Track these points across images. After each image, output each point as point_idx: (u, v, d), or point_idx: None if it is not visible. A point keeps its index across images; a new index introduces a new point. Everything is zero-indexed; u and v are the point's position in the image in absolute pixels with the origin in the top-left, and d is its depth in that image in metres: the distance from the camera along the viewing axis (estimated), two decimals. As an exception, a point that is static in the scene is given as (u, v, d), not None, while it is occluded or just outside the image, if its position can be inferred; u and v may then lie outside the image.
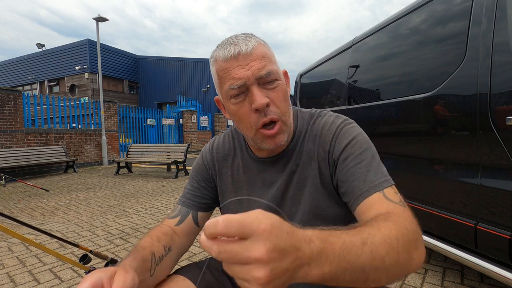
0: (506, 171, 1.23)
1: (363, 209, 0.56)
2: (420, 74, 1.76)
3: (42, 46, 20.58)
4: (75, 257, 2.14)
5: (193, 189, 0.77)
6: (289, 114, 0.65)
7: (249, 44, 0.59)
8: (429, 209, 1.64)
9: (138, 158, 7.01)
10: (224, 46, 0.60)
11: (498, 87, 1.25)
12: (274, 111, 0.60)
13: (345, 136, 0.64)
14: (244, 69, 0.58)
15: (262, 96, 0.58)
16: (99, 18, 8.88)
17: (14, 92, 6.74)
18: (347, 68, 2.61)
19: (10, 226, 2.65)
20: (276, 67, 0.62)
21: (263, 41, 0.63)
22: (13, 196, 4.56)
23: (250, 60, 0.58)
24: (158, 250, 0.62)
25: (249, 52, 0.58)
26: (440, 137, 1.58)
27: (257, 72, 0.58)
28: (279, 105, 0.61)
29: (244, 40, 0.59)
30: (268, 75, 0.59)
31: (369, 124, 2.26)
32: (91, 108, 9.04)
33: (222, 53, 0.59)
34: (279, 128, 0.61)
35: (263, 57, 0.59)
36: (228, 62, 0.58)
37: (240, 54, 0.58)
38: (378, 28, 2.23)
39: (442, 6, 1.65)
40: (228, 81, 0.59)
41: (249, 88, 0.59)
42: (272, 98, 0.60)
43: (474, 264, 1.34)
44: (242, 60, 0.58)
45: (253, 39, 0.61)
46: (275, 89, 0.61)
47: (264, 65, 0.58)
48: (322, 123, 0.68)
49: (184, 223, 0.73)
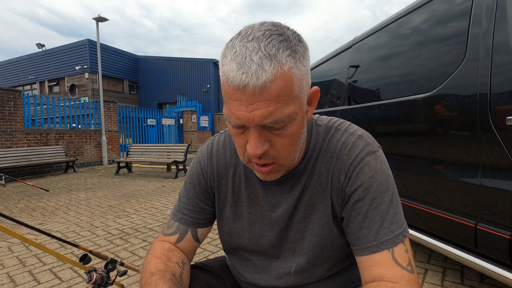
0: (506, 171, 1.23)
1: (367, 264, 0.53)
2: (420, 74, 1.76)
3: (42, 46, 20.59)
4: (75, 257, 2.14)
5: (190, 203, 0.69)
6: (294, 156, 0.54)
7: (262, 76, 0.43)
8: (429, 209, 1.64)
9: (138, 158, 7.01)
10: (233, 63, 0.44)
11: (498, 87, 1.25)
12: (271, 155, 0.51)
13: (364, 170, 0.55)
14: (246, 109, 0.45)
15: (258, 143, 0.48)
16: (99, 18, 8.89)
17: (14, 92, 6.74)
18: (347, 68, 2.61)
19: (10, 226, 2.65)
20: (291, 109, 0.47)
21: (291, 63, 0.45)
22: (13, 196, 4.56)
23: (257, 100, 0.44)
24: (175, 269, 0.60)
25: (258, 90, 0.43)
26: (440, 137, 1.58)
27: (260, 119, 0.46)
28: (281, 151, 0.51)
29: (257, 68, 0.43)
30: (274, 123, 0.47)
31: (369, 124, 2.26)
32: (91, 108, 9.04)
33: (228, 70, 0.45)
34: (272, 169, 0.53)
35: (276, 99, 0.44)
36: (231, 89, 0.45)
37: (246, 89, 0.44)
38: (378, 28, 2.23)
39: (442, 6, 1.65)
40: (227, 110, 0.48)
41: (248, 128, 0.49)
42: (275, 142, 0.50)
43: (474, 264, 1.34)
44: (247, 97, 0.44)
45: (274, 64, 0.43)
46: (281, 134, 0.49)
47: (272, 112, 0.45)
48: (341, 143, 0.59)
49: (183, 241, 0.68)
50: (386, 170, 0.57)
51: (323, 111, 3.09)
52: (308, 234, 0.61)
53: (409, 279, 0.51)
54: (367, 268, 0.53)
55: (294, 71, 0.45)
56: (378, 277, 0.51)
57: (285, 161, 0.53)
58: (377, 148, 0.59)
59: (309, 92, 0.52)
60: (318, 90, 0.54)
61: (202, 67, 19.12)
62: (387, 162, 0.59)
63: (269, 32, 0.45)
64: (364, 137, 0.59)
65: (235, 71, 0.44)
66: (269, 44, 0.44)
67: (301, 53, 0.47)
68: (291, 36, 0.47)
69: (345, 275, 0.67)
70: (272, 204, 0.63)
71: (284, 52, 0.44)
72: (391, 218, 0.54)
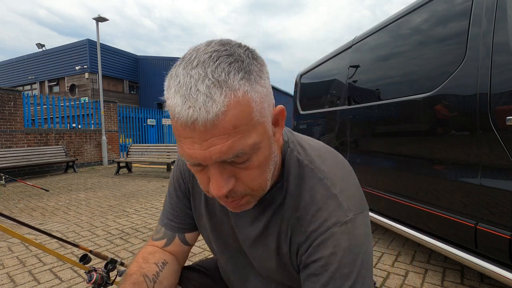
0: (506, 171, 1.23)
1: None
2: (420, 74, 1.76)
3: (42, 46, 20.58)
4: (75, 257, 2.14)
5: (174, 208, 0.67)
6: (266, 185, 0.48)
7: (212, 110, 0.36)
8: (429, 209, 1.64)
9: (138, 158, 7.01)
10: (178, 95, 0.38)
11: (498, 87, 1.25)
12: (240, 191, 0.45)
13: (326, 244, 0.46)
14: (201, 146, 0.39)
15: (222, 182, 0.42)
16: (99, 18, 8.88)
17: (14, 92, 6.74)
18: (347, 68, 2.61)
19: (10, 226, 2.65)
20: (254, 138, 0.41)
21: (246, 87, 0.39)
22: (13, 196, 4.56)
23: (211, 135, 0.38)
24: (149, 270, 0.60)
25: (210, 124, 0.37)
26: (440, 137, 1.58)
27: (218, 156, 0.39)
28: (250, 183, 0.45)
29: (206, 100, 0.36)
30: (236, 157, 0.40)
31: (369, 124, 2.26)
32: (91, 108, 9.04)
33: (173, 105, 0.38)
34: (244, 202, 0.48)
35: (233, 131, 0.38)
36: (179, 125, 0.39)
37: (195, 126, 0.37)
38: (378, 28, 2.23)
39: (442, 6, 1.65)
40: (180, 147, 0.42)
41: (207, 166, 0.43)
42: (241, 177, 0.44)
43: (474, 264, 1.34)
44: (198, 134, 0.38)
45: (225, 91, 0.37)
46: (247, 167, 0.43)
47: (231, 146, 0.39)
48: (310, 197, 0.50)
49: (172, 246, 0.67)
50: (356, 248, 0.46)
51: (323, 111, 3.09)
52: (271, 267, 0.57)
53: None
54: None
55: (250, 96, 0.39)
56: None
57: (258, 191, 0.47)
58: (353, 217, 0.48)
59: (273, 113, 0.46)
60: (283, 109, 0.48)
61: None
62: (364, 234, 0.48)
63: (217, 54, 0.39)
64: (339, 199, 0.48)
65: (180, 106, 0.37)
66: (217, 68, 0.38)
67: (257, 73, 0.41)
68: (243, 54, 0.40)
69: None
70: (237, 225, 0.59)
71: (236, 75, 0.38)
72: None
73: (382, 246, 2.27)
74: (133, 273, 0.58)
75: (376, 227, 2.68)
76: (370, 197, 2.21)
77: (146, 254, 0.64)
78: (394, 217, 1.97)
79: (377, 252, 2.16)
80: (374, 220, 2.16)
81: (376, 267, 1.92)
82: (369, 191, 2.21)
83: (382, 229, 2.63)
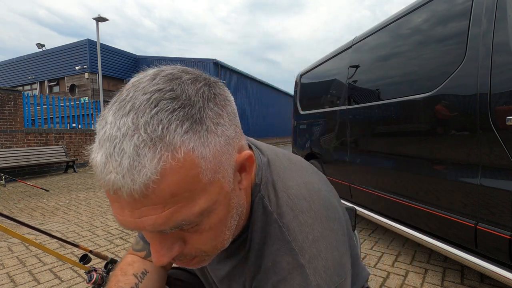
0: (506, 171, 1.23)
1: None
2: (420, 74, 1.76)
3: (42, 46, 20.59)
4: (75, 257, 2.14)
5: None
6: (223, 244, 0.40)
7: (139, 179, 0.28)
8: (429, 209, 1.64)
9: (138, 158, 7.01)
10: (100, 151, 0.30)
11: (498, 87, 1.25)
12: (190, 254, 0.39)
13: None
14: (131, 214, 0.31)
15: (162, 251, 0.35)
16: (99, 18, 8.89)
17: (14, 92, 6.74)
18: (347, 68, 2.61)
19: (10, 226, 2.65)
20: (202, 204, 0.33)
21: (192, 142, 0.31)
22: (13, 196, 4.56)
23: (142, 205, 0.30)
24: (126, 282, 0.58)
25: (138, 195, 0.29)
26: (440, 137, 1.58)
27: (153, 228, 0.32)
28: (203, 247, 0.38)
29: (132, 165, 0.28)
30: (179, 227, 0.33)
31: (369, 124, 2.26)
32: (91, 108, 9.05)
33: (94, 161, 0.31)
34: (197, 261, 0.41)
35: (171, 200, 0.31)
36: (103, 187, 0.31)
37: (119, 195, 0.30)
38: (378, 28, 2.23)
39: (442, 6, 1.65)
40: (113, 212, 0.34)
41: None
42: (189, 240, 0.37)
43: (474, 264, 1.34)
44: (125, 203, 0.31)
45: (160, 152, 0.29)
46: (196, 230, 0.36)
47: (169, 217, 0.31)
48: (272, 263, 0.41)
49: None
50: None
51: (324, 111, 3.09)
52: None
53: None
54: None
55: (198, 153, 0.31)
56: None
57: (212, 252, 0.40)
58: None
59: (237, 161, 0.37)
60: (251, 156, 0.39)
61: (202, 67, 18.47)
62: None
63: (158, 96, 0.31)
64: (307, 271, 0.39)
65: (101, 167, 0.30)
66: (154, 118, 0.29)
67: (212, 119, 0.33)
68: (194, 96, 0.32)
69: None
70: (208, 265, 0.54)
71: (178, 128, 0.30)
72: None
73: (382, 246, 2.27)
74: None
75: (376, 227, 2.69)
76: (370, 197, 2.21)
77: (125, 265, 0.62)
78: (394, 217, 1.97)
79: (377, 252, 2.16)
80: (374, 220, 2.16)
81: (376, 267, 1.92)
82: (369, 191, 2.21)
83: (382, 229, 2.63)
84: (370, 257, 2.08)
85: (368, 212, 2.23)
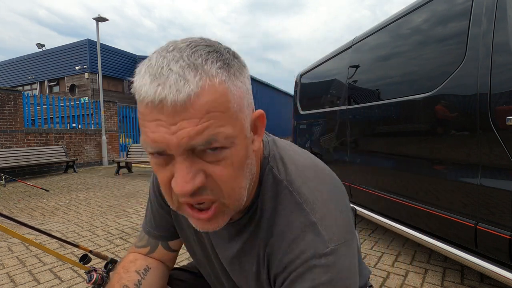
0: (506, 171, 1.23)
1: None
2: (420, 74, 1.76)
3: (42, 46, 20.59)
4: (75, 257, 2.14)
5: (156, 216, 0.64)
6: (240, 194, 0.41)
7: (184, 90, 0.33)
8: (429, 209, 1.64)
9: (138, 158, 7.01)
10: (146, 75, 0.35)
11: (498, 87, 1.25)
12: (211, 191, 0.39)
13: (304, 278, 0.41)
14: (167, 130, 0.34)
15: (188, 176, 0.36)
16: (99, 18, 8.88)
17: (14, 92, 6.74)
18: (347, 68, 2.61)
19: (10, 226, 2.65)
20: (229, 130, 0.36)
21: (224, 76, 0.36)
22: (13, 196, 4.56)
23: (180, 118, 0.34)
24: (129, 279, 0.58)
25: (180, 105, 0.33)
26: (440, 137, 1.58)
27: (187, 140, 0.34)
28: (222, 183, 0.38)
29: (177, 79, 0.33)
30: (209, 144, 0.35)
31: (369, 124, 2.26)
32: (91, 108, 9.04)
33: (139, 85, 0.35)
34: (215, 212, 0.40)
35: (206, 115, 0.34)
36: (145, 108, 0.35)
37: (163, 105, 0.33)
38: (378, 28, 2.23)
39: (442, 6, 1.65)
40: (143, 134, 0.37)
41: (172, 156, 0.37)
42: (212, 175, 0.38)
43: (474, 264, 1.34)
44: (166, 115, 0.34)
45: (200, 74, 0.34)
46: (220, 162, 0.37)
47: (204, 129, 0.34)
48: (285, 225, 0.44)
49: (156, 252, 0.66)
50: (339, 282, 0.41)
51: (324, 111, 3.09)
52: None
53: None
54: None
55: (228, 86, 0.36)
56: None
57: (230, 199, 0.40)
58: (334, 248, 0.41)
59: (252, 116, 0.41)
60: (263, 114, 0.43)
61: None
62: (348, 267, 0.42)
63: (195, 43, 0.37)
64: (319, 227, 0.42)
65: (148, 84, 0.34)
66: (194, 54, 0.35)
67: (236, 69, 0.38)
68: (223, 49, 0.38)
69: None
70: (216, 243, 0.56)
71: (213, 63, 0.35)
72: None
73: (382, 246, 2.27)
74: (112, 286, 0.57)
75: (376, 227, 2.68)
76: (370, 197, 2.21)
77: (127, 263, 0.62)
78: (394, 217, 1.97)
79: (377, 252, 2.16)
80: (374, 220, 2.16)
81: (376, 267, 1.92)
82: (369, 191, 2.21)
83: (382, 229, 2.62)
84: (370, 257, 2.08)
85: (368, 212, 2.23)
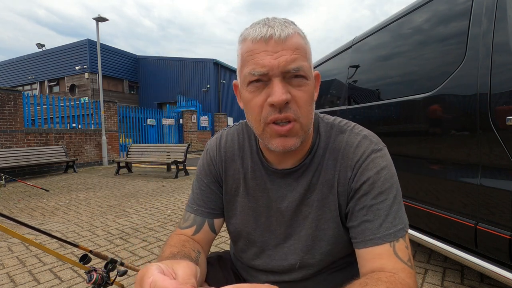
0: (506, 171, 1.23)
1: (368, 256, 0.54)
2: (420, 74, 1.76)
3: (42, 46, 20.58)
4: (75, 257, 2.14)
5: (204, 193, 0.69)
6: (310, 120, 0.56)
7: (285, 31, 0.51)
8: (429, 209, 1.64)
9: (138, 158, 7.01)
10: (257, 26, 0.53)
11: (498, 87, 1.25)
12: (293, 109, 0.52)
13: (370, 166, 0.57)
14: (272, 57, 0.50)
15: (283, 91, 0.50)
16: (99, 18, 8.88)
17: (14, 92, 6.74)
18: (347, 68, 2.61)
19: (10, 226, 2.65)
20: (308, 65, 0.54)
21: (302, 33, 0.55)
22: (13, 196, 4.56)
23: (282, 48, 0.51)
24: (190, 253, 0.59)
25: (282, 39, 0.51)
26: (440, 137, 1.58)
27: (285, 64, 0.50)
28: (301, 106, 0.53)
29: (280, 25, 0.52)
30: (297, 70, 0.51)
31: (369, 124, 2.26)
32: (91, 108, 9.04)
33: (253, 32, 0.52)
34: (292, 128, 0.53)
35: (297, 49, 0.52)
36: (256, 44, 0.52)
37: (271, 39, 0.51)
38: (378, 28, 2.23)
39: (442, 6, 1.65)
40: (250, 65, 0.52)
41: (271, 79, 0.51)
42: (295, 96, 0.52)
43: (474, 264, 1.34)
44: (272, 46, 0.51)
45: (292, 26, 0.53)
46: (301, 88, 0.53)
47: (295, 58, 0.51)
48: (346, 142, 0.61)
49: (201, 232, 0.68)
50: (391, 168, 0.59)
51: (323, 111, 3.09)
52: (314, 230, 0.62)
53: (410, 273, 0.51)
54: (368, 261, 0.54)
55: (305, 41, 0.55)
56: (379, 269, 0.51)
57: (305, 119, 0.54)
58: (382, 147, 0.60)
59: (314, 73, 0.59)
60: (318, 74, 0.61)
61: (202, 67, 19.10)
62: (391, 161, 0.60)
63: (282, 19, 0.55)
64: (369, 137, 0.61)
65: (260, 28, 0.52)
66: (285, 20, 0.55)
67: (307, 39, 0.57)
68: None
69: (347, 272, 0.67)
70: (277, 197, 0.64)
71: (297, 27, 0.55)
72: (395, 213, 0.55)
73: (382, 246, 2.27)
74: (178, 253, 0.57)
75: (376, 227, 2.68)
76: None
77: (182, 241, 0.63)
78: (394, 217, 1.97)
79: (377, 252, 2.16)
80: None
81: (376, 267, 1.92)
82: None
83: (382, 229, 2.62)
84: (370, 257, 2.08)
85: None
